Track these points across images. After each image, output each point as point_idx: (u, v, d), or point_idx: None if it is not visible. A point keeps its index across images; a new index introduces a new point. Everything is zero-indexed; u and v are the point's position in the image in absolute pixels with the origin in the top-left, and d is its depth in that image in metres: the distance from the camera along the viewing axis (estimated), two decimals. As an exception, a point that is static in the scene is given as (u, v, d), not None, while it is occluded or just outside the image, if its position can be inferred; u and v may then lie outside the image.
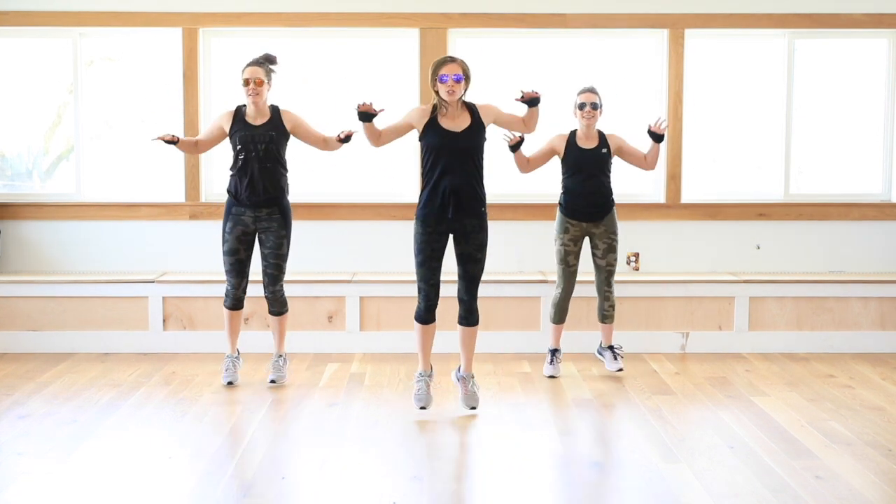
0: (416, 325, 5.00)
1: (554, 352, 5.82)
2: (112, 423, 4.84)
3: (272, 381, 5.54)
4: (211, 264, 6.61)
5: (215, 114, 5.51)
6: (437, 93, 4.82)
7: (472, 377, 5.11)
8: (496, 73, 6.91)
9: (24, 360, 6.17)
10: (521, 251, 6.79)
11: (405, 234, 6.63)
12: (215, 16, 6.67)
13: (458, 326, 5.04)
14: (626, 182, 6.71)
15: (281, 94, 6.85)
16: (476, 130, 4.87)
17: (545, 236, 6.56)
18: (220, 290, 5.75)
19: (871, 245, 6.90)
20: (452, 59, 4.80)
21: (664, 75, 6.80)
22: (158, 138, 5.39)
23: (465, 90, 4.85)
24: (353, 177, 6.93)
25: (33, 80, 6.90)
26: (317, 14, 6.69)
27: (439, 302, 4.98)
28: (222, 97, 6.75)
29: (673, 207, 6.84)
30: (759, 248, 6.89)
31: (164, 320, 6.45)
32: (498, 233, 6.57)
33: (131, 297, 6.44)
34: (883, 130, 6.96)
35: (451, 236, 4.93)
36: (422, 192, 4.92)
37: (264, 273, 5.49)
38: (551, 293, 6.41)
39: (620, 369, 5.79)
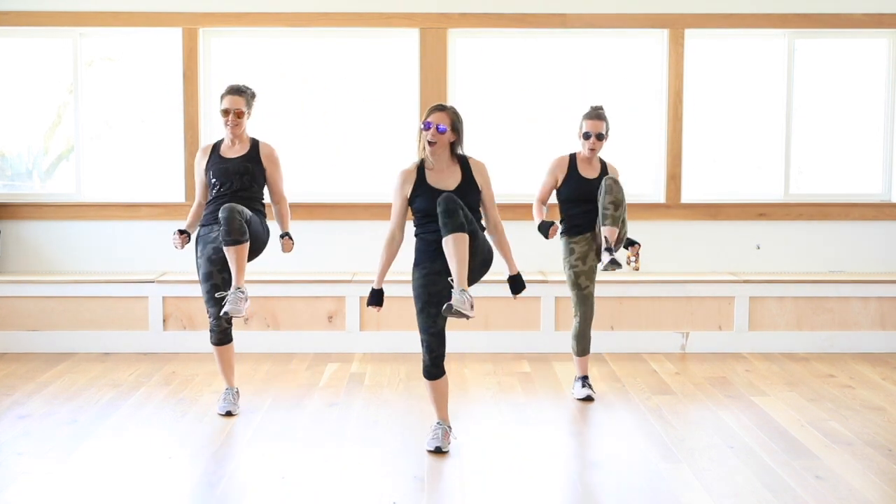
0: (427, 383, 4.41)
1: (584, 378, 5.37)
2: (112, 423, 4.84)
3: (224, 313, 4.73)
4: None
5: (197, 155, 5.09)
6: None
7: (464, 291, 4.17)
8: (496, 73, 6.92)
9: (24, 360, 6.17)
10: (520, 251, 6.76)
11: (405, 234, 6.64)
12: (215, 16, 6.68)
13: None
14: (625, 182, 6.70)
15: (282, 94, 6.87)
16: (469, 188, 4.36)
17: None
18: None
19: (871, 245, 6.90)
20: (443, 108, 4.31)
21: (664, 75, 6.81)
22: (179, 243, 4.93)
23: (457, 144, 4.37)
24: (353, 177, 6.94)
25: (33, 80, 6.90)
26: (317, 14, 6.69)
27: (445, 353, 4.40)
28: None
29: (673, 207, 6.84)
30: (759, 248, 6.89)
31: (164, 320, 6.45)
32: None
33: (131, 297, 6.44)
34: (883, 130, 6.96)
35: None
36: (416, 247, 4.46)
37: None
38: (551, 293, 6.43)
39: (613, 262, 5.11)
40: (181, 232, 4.99)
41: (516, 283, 4.56)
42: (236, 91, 4.95)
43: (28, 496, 3.85)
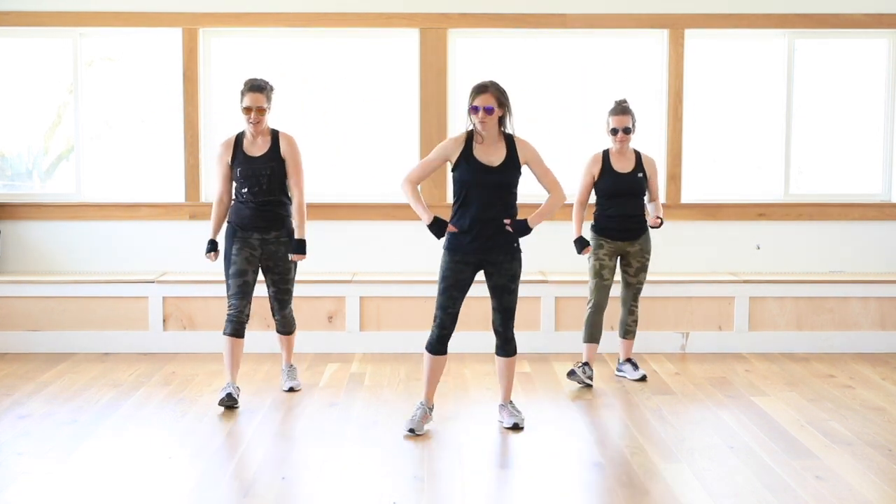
0: (426, 355, 4.70)
1: (585, 364, 5.60)
2: (112, 423, 4.84)
3: (291, 389, 5.41)
4: (211, 264, 6.60)
5: (216, 148, 5.22)
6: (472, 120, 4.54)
7: (511, 404, 4.87)
8: (496, 73, 6.90)
9: (24, 360, 6.17)
10: (527, 251, 6.76)
11: (405, 233, 6.66)
12: (215, 16, 6.67)
13: (496, 357, 4.83)
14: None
15: (282, 94, 6.86)
16: (511, 166, 4.57)
17: (545, 236, 6.56)
18: (221, 289, 5.72)
19: (871, 245, 6.90)
20: (485, 89, 4.48)
21: (664, 75, 6.81)
22: (213, 258, 5.26)
23: (506, 118, 4.55)
24: (353, 177, 6.94)
25: (33, 80, 6.90)
26: (317, 14, 6.69)
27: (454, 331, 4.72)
28: (222, 97, 6.76)
29: (673, 207, 6.84)
30: (759, 248, 6.89)
31: (164, 320, 6.45)
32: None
33: (131, 297, 6.44)
34: (883, 130, 6.96)
35: (482, 271, 4.67)
36: (450, 222, 4.63)
37: (273, 299, 5.26)
38: (551, 293, 6.44)
39: (644, 377, 5.73)
40: (213, 246, 5.23)
41: (521, 225, 4.65)
42: (257, 88, 5.03)
43: (28, 496, 3.85)
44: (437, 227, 4.62)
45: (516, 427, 4.74)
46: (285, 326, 5.39)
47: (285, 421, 4.91)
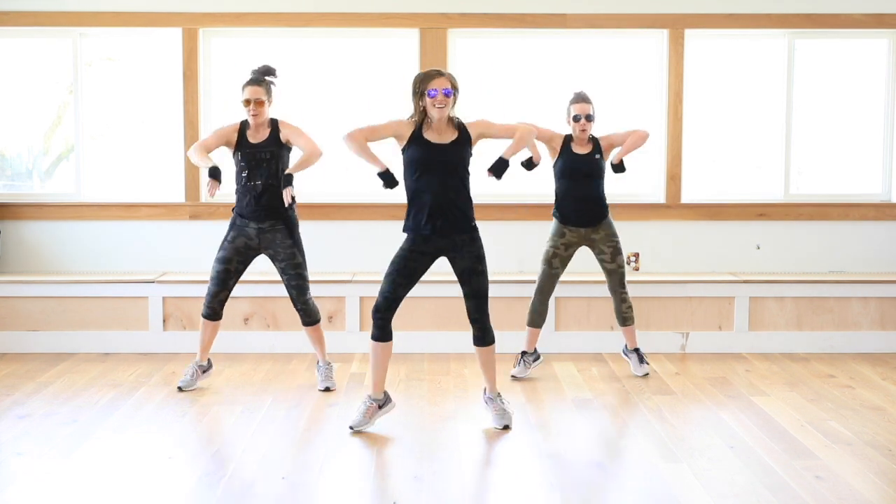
0: (370, 343, 4.71)
1: (523, 354, 5.80)
2: (112, 423, 4.84)
3: (326, 389, 5.43)
4: (211, 264, 6.61)
5: (222, 122, 5.38)
6: (423, 109, 4.57)
7: (499, 396, 4.83)
8: (496, 73, 6.92)
9: (24, 360, 6.17)
10: (522, 251, 6.79)
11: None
12: (215, 16, 6.68)
13: (475, 348, 4.77)
14: (626, 182, 6.72)
15: (281, 94, 6.85)
16: (463, 143, 4.59)
17: (545, 236, 6.58)
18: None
19: (871, 245, 6.90)
20: (440, 73, 4.53)
21: (664, 75, 6.81)
22: (213, 189, 5.14)
23: (454, 105, 4.59)
24: (354, 177, 6.93)
25: (33, 80, 6.90)
26: (317, 14, 6.69)
27: (392, 318, 4.68)
28: (222, 97, 6.76)
29: (673, 207, 6.84)
30: (759, 248, 6.89)
31: (164, 320, 6.45)
32: (498, 233, 6.61)
33: (131, 297, 6.44)
34: (883, 130, 6.97)
35: (443, 258, 4.68)
36: (408, 209, 4.64)
37: (288, 288, 5.39)
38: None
39: (647, 374, 5.79)
40: (213, 176, 5.14)
41: (500, 164, 4.76)
42: (255, 81, 5.28)
43: (28, 496, 3.85)
44: (387, 177, 4.66)
45: (507, 428, 4.71)
46: (308, 315, 5.43)
47: (285, 421, 4.91)
